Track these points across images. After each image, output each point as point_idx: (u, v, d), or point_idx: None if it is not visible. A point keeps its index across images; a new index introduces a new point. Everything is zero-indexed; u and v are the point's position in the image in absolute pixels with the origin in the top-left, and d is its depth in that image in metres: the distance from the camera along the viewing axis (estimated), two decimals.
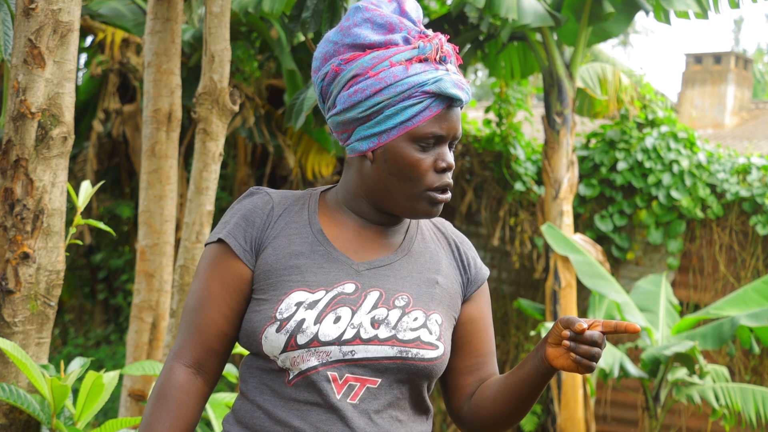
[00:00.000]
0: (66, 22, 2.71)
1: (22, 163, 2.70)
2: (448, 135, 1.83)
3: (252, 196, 1.89)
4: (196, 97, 3.92)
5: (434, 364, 1.82)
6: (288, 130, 9.54)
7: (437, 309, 1.85)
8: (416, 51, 1.81)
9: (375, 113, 1.81)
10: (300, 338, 1.76)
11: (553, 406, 8.30)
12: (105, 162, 10.37)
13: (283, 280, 1.80)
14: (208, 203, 3.93)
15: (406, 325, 1.80)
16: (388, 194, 1.84)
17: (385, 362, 1.78)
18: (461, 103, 1.84)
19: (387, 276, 1.84)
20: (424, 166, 1.81)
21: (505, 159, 9.84)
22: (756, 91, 22.15)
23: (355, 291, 1.81)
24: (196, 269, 1.90)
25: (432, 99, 1.80)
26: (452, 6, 8.59)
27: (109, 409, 8.52)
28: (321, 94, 1.88)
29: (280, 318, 1.78)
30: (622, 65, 9.89)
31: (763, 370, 8.88)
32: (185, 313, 1.87)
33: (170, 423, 1.80)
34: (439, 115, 1.81)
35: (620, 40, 29.81)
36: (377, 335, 1.78)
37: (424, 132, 1.80)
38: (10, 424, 2.73)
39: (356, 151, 1.85)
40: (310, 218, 1.87)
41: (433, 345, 1.82)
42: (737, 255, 9.08)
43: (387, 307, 1.81)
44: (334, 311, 1.78)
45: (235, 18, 7.42)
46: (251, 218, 1.86)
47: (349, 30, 1.83)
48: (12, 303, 2.70)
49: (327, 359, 1.77)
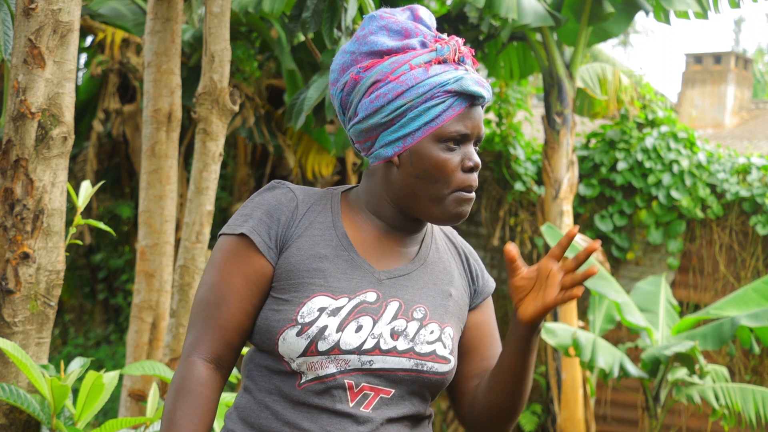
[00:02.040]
0: (66, 22, 2.71)
1: (22, 163, 2.69)
2: (472, 133, 1.82)
3: (274, 191, 1.86)
4: (196, 97, 3.92)
5: (445, 378, 1.83)
6: (288, 130, 9.54)
7: (450, 322, 1.86)
8: (434, 53, 1.81)
9: (398, 117, 1.80)
10: (321, 345, 1.75)
11: (553, 406, 8.30)
12: (105, 162, 10.37)
13: (306, 282, 1.78)
14: (208, 203, 3.93)
15: (423, 338, 1.80)
16: (415, 198, 1.82)
17: (400, 374, 1.78)
18: (483, 101, 1.83)
19: (406, 287, 1.84)
20: (452, 166, 1.80)
21: (505, 159, 9.84)
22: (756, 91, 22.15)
23: (376, 300, 1.80)
24: (210, 260, 1.85)
25: (455, 98, 1.80)
26: (452, 6, 8.59)
27: (109, 409, 8.52)
28: (341, 105, 1.86)
29: (301, 322, 1.76)
30: (622, 65, 9.89)
31: (763, 370, 8.88)
32: (201, 307, 1.83)
33: (198, 418, 1.77)
34: (463, 114, 1.81)
35: (620, 40, 29.82)
36: (396, 347, 1.78)
37: (449, 131, 1.80)
38: (10, 424, 2.73)
39: (381, 158, 1.83)
40: (334, 220, 1.85)
41: (446, 359, 1.82)
42: (737, 255, 9.08)
43: (406, 319, 1.80)
44: (356, 320, 1.77)
45: (235, 18, 7.42)
46: (275, 214, 1.82)
47: (366, 38, 1.83)
48: (12, 303, 2.70)
49: (345, 367, 1.76)
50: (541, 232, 8.67)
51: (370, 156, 1.86)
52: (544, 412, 9.08)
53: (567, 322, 8.08)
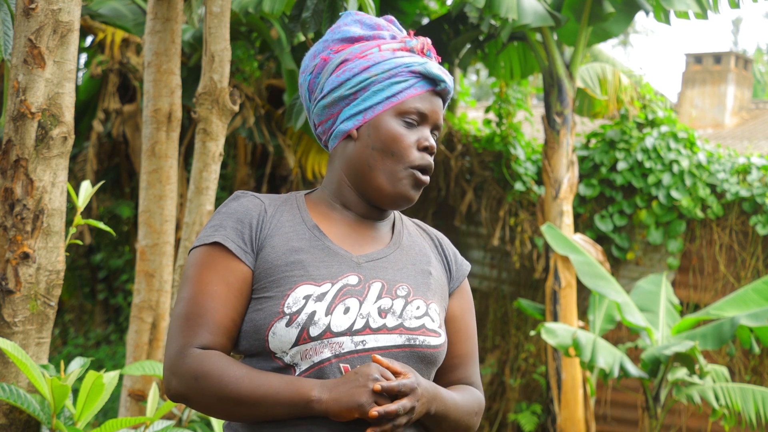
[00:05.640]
0: (66, 22, 2.71)
1: (22, 163, 2.69)
2: (431, 116, 1.87)
3: (239, 200, 1.88)
4: (196, 97, 3.92)
5: (439, 351, 1.85)
6: (288, 130, 9.54)
7: (433, 299, 1.88)
8: (403, 44, 1.89)
9: (362, 90, 1.86)
10: (312, 330, 1.76)
11: (553, 406, 8.30)
12: (105, 162, 10.36)
13: (287, 276, 1.80)
14: (208, 203, 3.93)
15: (411, 314, 1.82)
16: (370, 173, 1.85)
17: (394, 350, 1.79)
18: (445, 89, 1.89)
19: (385, 268, 1.86)
20: (407, 142, 1.84)
21: (505, 159, 9.84)
22: (756, 91, 22.14)
23: (359, 282, 1.82)
24: (185, 276, 1.83)
25: (418, 79, 1.86)
26: (452, 6, 8.59)
27: (109, 409, 8.51)
28: (308, 89, 1.92)
29: (288, 312, 1.76)
30: (622, 65, 9.88)
31: (763, 370, 8.87)
32: (180, 322, 1.78)
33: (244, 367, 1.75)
34: (424, 96, 1.86)
35: (620, 40, 29.81)
36: (386, 324, 1.80)
37: (408, 107, 1.85)
38: (10, 424, 2.73)
39: (341, 134, 1.88)
40: (303, 216, 1.88)
41: (437, 332, 1.85)
42: (737, 255, 9.08)
43: (391, 297, 1.82)
44: (342, 302, 1.79)
45: (235, 18, 7.42)
46: (246, 220, 1.84)
47: (339, 28, 1.91)
48: (12, 303, 2.70)
49: (340, 350, 1.77)
50: (541, 232, 8.67)
51: (330, 138, 1.91)
52: (544, 412, 9.08)
53: (567, 322, 8.08)
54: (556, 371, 8.32)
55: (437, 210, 10.26)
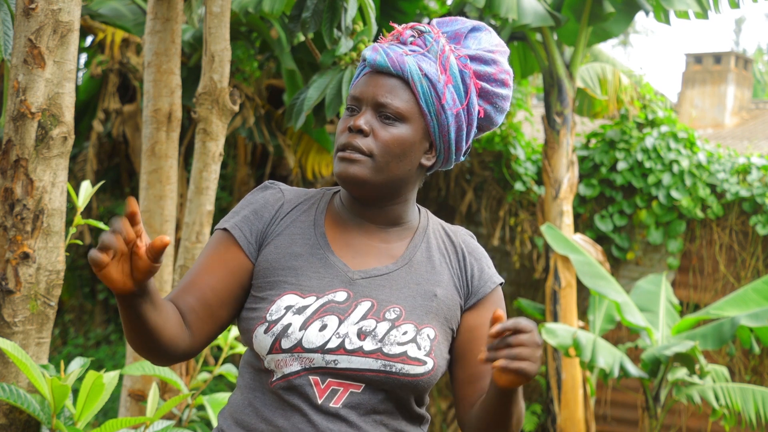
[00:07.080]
0: (66, 22, 2.71)
1: (22, 163, 2.69)
2: (364, 96, 1.84)
3: (265, 191, 1.92)
4: (196, 97, 3.91)
5: (419, 380, 1.78)
6: (288, 130, 9.54)
7: (431, 323, 1.82)
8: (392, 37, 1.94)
9: None
10: (284, 342, 1.76)
11: (553, 406, 8.30)
12: (105, 162, 10.36)
13: (279, 280, 1.81)
14: (208, 203, 3.92)
15: (394, 339, 1.77)
16: None
17: (368, 374, 1.76)
18: (382, 68, 1.84)
19: (382, 286, 1.82)
20: (341, 128, 1.87)
21: (505, 159, 9.84)
22: (756, 91, 22.15)
23: (346, 300, 1.80)
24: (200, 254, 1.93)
25: (363, 66, 1.89)
26: (452, 6, 8.59)
27: (109, 409, 8.51)
28: None
29: (269, 319, 1.78)
30: (622, 65, 9.89)
31: (763, 370, 8.87)
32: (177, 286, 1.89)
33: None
34: (361, 80, 1.88)
35: (620, 40, 29.82)
36: (362, 347, 1.76)
37: (348, 97, 1.88)
38: (10, 424, 2.73)
39: None
40: (316, 219, 1.88)
41: (420, 360, 1.78)
42: (737, 255, 9.08)
43: (376, 319, 1.79)
44: (320, 319, 1.77)
45: (235, 18, 7.42)
46: (260, 212, 1.88)
47: None
48: (12, 303, 2.70)
49: (310, 365, 1.76)
50: (541, 232, 8.67)
51: None
52: (544, 412, 9.08)
53: (567, 322, 8.08)
54: (556, 371, 8.32)
55: (437, 210, 10.26)
